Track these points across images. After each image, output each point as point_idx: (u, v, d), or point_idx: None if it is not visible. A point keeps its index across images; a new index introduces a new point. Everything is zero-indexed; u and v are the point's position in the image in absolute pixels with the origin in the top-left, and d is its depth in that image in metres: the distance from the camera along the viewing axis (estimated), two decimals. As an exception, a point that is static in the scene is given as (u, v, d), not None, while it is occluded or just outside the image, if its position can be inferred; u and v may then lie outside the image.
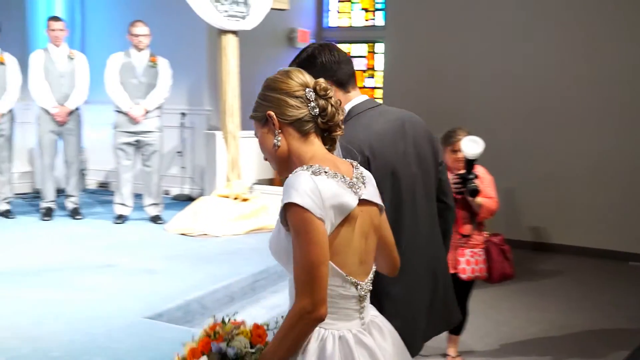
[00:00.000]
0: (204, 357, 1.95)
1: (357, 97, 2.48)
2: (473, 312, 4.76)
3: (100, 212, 7.41)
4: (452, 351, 4.64)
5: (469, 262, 4.36)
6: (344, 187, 1.89)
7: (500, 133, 7.84)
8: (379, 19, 10.44)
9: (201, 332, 2.02)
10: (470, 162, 4.22)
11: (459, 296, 4.50)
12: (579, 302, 6.11)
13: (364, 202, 1.95)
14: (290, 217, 1.83)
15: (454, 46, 8.71)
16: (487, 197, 4.37)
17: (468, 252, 4.36)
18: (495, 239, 4.50)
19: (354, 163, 2.01)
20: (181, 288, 4.68)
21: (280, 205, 1.86)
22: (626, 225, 7.65)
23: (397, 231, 2.31)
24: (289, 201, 1.82)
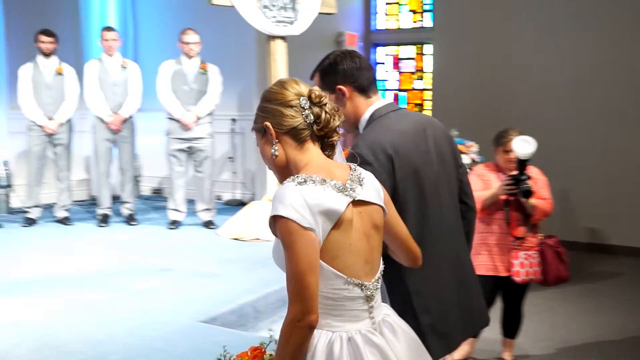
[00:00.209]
0: None
1: (378, 102, 2.54)
2: (528, 315, 4.69)
3: (154, 218, 7.55)
4: (508, 355, 4.58)
5: (523, 264, 4.29)
6: (333, 192, 1.92)
7: (553, 133, 7.70)
8: (427, 21, 10.37)
9: None
10: (522, 162, 4.16)
11: (513, 299, 4.51)
12: (638, 304, 5.95)
13: (362, 203, 1.98)
14: (278, 229, 1.87)
15: (503, 45, 8.59)
16: (542, 198, 4.30)
17: (522, 254, 4.29)
18: (550, 241, 4.42)
19: (352, 166, 2.05)
20: (234, 292, 4.72)
21: (269, 218, 1.90)
22: (686, 225, 7.43)
23: (423, 227, 2.41)
24: (274, 214, 1.87)
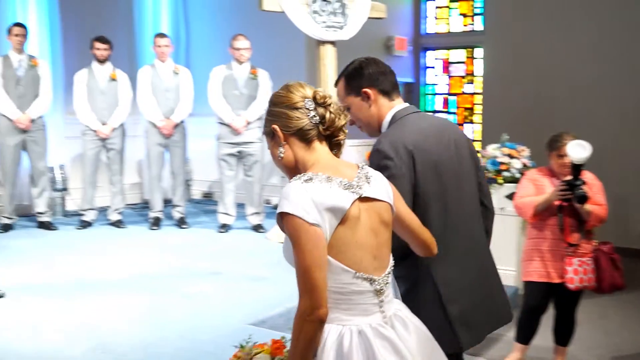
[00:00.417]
0: None
1: (399, 104, 2.65)
2: (581, 322, 4.60)
3: (204, 221, 7.63)
4: (560, 363, 4.49)
5: (577, 271, 4.20)
6: (339, 189, 1.97)
7: (606, 137, 7.53)
8: (478, 24, 10.27)
9: None
10: (577, 167, 4.07)
11: (566, 306, 4.42)
12: (697, 314, 5.78)
13: (370, 200, 2.03)
14: (285, 226, 1.93)
15: (555, 48, 8.45)
16: (597, 204, 4.20)
17: (576, 261, 4.20)
18: (605, 248, 4.31)
19: (360, 165, 2.11)
20: (283, 295, 4.74)
21: (276, 214, 1.97)
22: None
23: (445, 220, 2.51)
24: (281, 211, 1.93)
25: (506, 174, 5.99)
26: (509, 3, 9.15)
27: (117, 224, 7.28)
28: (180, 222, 7.33)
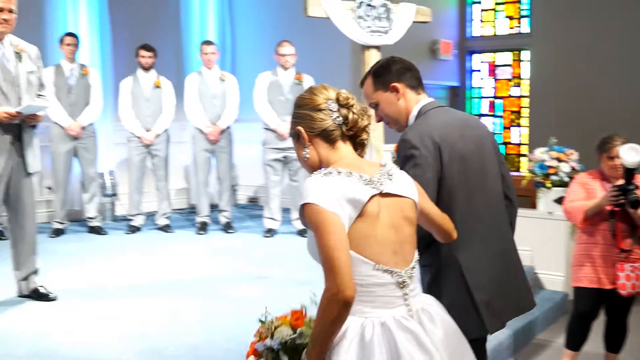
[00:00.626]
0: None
1: (425, 99, 2.76)
2: (633, 329, 4.50)
3: (250, 226, 7.69)
4: (612, 370, 4.41)
5: (629, 277, 4.12)
6: (359, 184, 2.02)
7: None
8: (525, 26, 10.16)
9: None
10: (629, 171, 3.99)
11: (618, 313, 4.33)
12: None
13: (391, 196, 2.07)
14: (307, 216, 1.98)
15: (604, 49, 8.30)
16: (650, 208, 4.11)
17: (628, 267, 4.12)
18: (658, 254, 4.22)
19: (382, 163, 2.17)
20: (329, 300, 4.73)
21: (299, 209, 2.03)
22: None
23: (470, 210, 2.59)
24: (302, 203, 2.00)
25: (554, 177, 5.91)
26: (555, 5, 9.04)
27: (165, 228, 7.38)
28: (227, 227, 7.40)
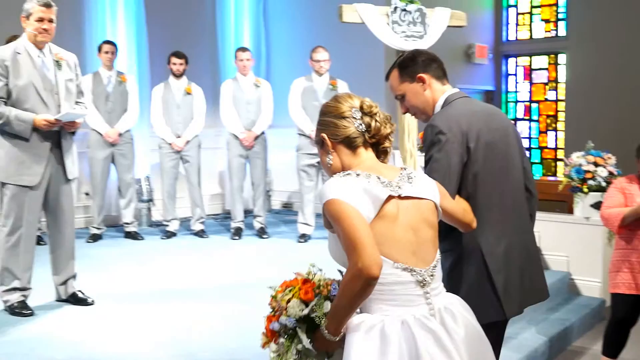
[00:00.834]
0: (278, 342, 2.14)
1: (450, 89, 2.82)
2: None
3: (284, 231, 7.72)
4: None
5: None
6: (377, 184, 2.07)
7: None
8: (561, 29, 10.05)
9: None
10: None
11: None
12: None
13: (410, 199, 2.12)
14: (328, 212, 2.05)
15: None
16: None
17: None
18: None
19: (403, 167, 2.22)
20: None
21: (322, 210, 2.08)
22: None
23: (493, 197, 2.64)
24: (323, 202, 2.06)
25: (591, 182, 5.84)
26: (592, 7, 8.93)
27: (200, 233, 7.44)
28: (261, 232, 7.43)
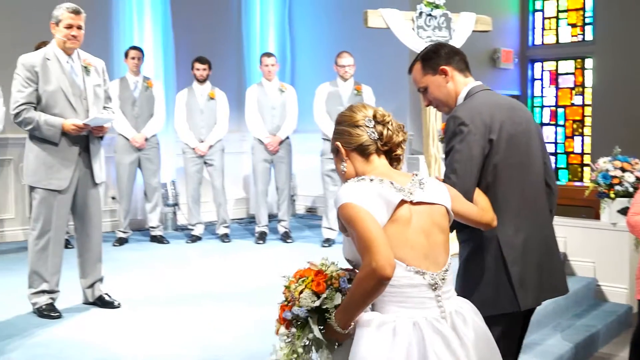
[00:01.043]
0: (290, 331, 2.23)
1: (472, 82, 2.84)
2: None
3: (308, 236, 7.74)
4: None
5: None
6: (390, 189, 2.14)
7: None
8: (588, 34, 9.97)
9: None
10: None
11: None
12: None
13: (422, 204, 2.18)
14: (342, 215, 2.11)
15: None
16: None
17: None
18: None
19: (415, 173, 2.28)
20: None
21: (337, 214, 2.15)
22: None
23: (512, 189, 2.65)
24: (337, 206, 2.12)
25: (618, 187, 5.78)
26: (619, 11, 8.85)
27: (225, 238, 7.48)
28: (285, 237, 7.46)
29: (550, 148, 10.44)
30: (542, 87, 10.75)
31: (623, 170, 5.82)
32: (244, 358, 3.90)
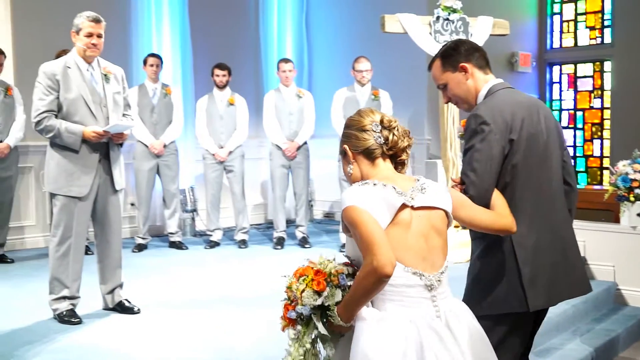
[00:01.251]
0: (297, 328, 2.34)
1: (493, 79, 2.82)
2: None
3: (326, 241, 7.74)
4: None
5: None
6: (392, 192, 2.21)
7: None
8: (607, 37, 9.91)
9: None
10: None
11: None
12: None
13: (422, 208, 2.26)
14: (345, 217, 2.19)
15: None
16: None
17: None
18: None
19: (417, 178, 2.34)
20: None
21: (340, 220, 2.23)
22: None
23: (531, 189, 2.64)
24: (342, 210, 2.20)
25: (638, 191, 5.74)
26: (639, 14, 8.79)
27: (243, 243, 7.50)
28: (303, 242, 7.47)
29: (569, 151, 10.34)
30: (561, 91, 10.69)
31: (643, 173, 5.77)
32: (261, 358, 3.91)
